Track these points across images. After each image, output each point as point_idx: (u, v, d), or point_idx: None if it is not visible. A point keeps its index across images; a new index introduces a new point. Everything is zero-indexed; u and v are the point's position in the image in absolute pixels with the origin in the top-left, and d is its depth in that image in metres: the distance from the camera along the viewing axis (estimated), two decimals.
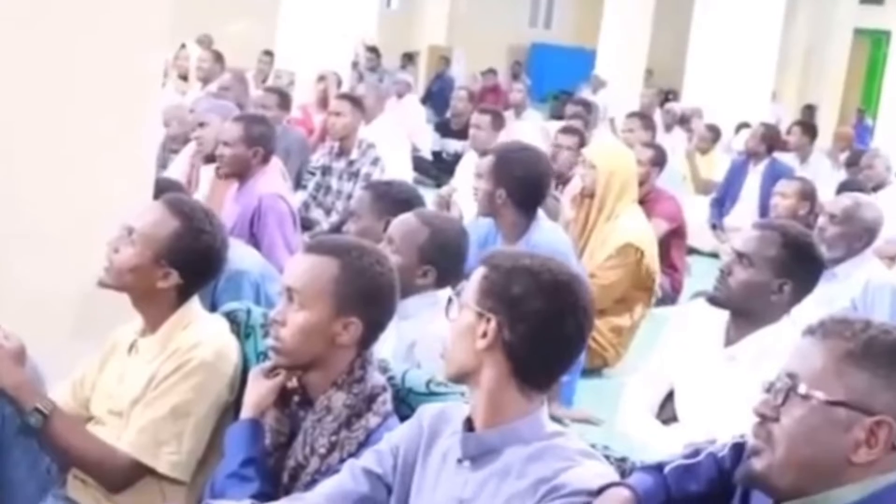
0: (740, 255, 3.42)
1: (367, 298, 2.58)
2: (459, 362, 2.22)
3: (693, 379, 3.54)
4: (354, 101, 7.24)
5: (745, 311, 3.42)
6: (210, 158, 5.71)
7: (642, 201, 6.61)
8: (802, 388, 1.82)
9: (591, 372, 5.77)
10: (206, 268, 2.95)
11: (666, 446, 3.11)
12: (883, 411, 1.78)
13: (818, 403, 1.80)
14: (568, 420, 5.05)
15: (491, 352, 2.17)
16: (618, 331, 5.89)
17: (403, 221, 3.64)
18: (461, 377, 2.26)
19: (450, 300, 2.30)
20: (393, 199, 4.06)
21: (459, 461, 2.22)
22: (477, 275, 2.23)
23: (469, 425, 2.24)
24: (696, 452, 2.19)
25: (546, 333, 2.18)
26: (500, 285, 2.18)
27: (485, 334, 2.17)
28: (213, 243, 2.93)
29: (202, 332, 2.87)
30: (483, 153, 6.70)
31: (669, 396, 3.71)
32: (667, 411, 3.71)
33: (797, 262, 3.39)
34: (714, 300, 3.48)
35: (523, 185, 4.97)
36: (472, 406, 2.25)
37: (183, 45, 11.02)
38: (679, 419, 3.64)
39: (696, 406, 3.52)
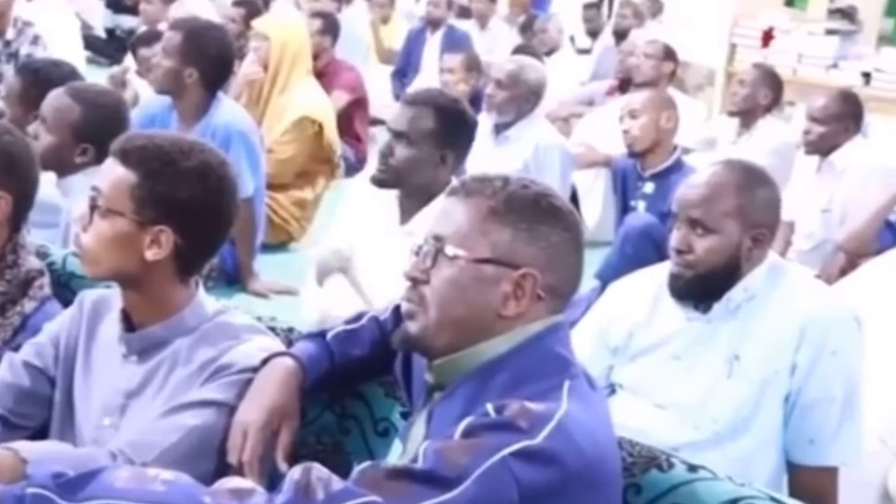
0: (398, 134, 3.42)
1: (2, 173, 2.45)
2: (116, 269, 2.10)
3: (373, 256, 3.54)
4: None
5: (413, 187, 3.42)
6: None
7: (321, 74, 6.59)
8: (449, 249, 1.84)
9: (277, 247, 5.78)
10: None
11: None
12: (527, 264, 1.82)
13: (465, 262, 1.82)
14: (271, 293, 5.08)
15: (162, 259, 2.09)
16: (301, 204, 5.89)
17: (54, 98, 3.47)
18: (113, 279, 2.16)
19: (94, 206, 2.10)
20: (45, 85, 3.80)
21: (125, 356, 2.16)
22: (121, 180, 2.07)
23: (127, 320, 2.16)
24: (359, 317, 2.21)
25: (213, 227, 2.14)
26: (165, 194, 2.06)
27: (154, 245, 2.07)
28: None
29: None
30: (152, 28, 6.52)
31: None
32: None
33: (453, 131, 3.42)
34: (380, 182, 3.48)
35: (217, 64, 4.85)
36: (128, 303, 2.15)
37: None
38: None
39: (378, 283, 3.53)
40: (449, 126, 3.41)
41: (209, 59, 4.79)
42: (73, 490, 1.62)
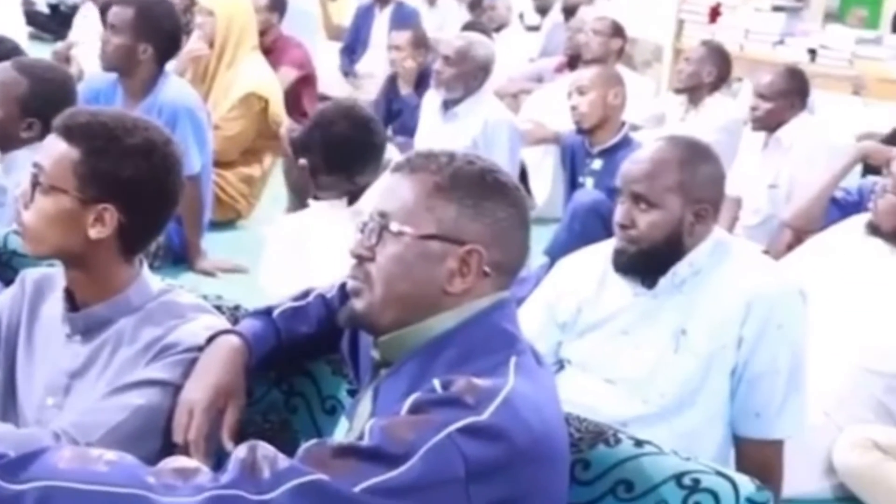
0: (312, 170, 3.58)
1: None
2: (59, 247, 2.08)
3: (327, 235, 3.54)
4: None
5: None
6: None
7: (269, 50, 6.54)
8: (394, 226, 1.82)
9: (225, 224, 5.75)
10: None
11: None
12: (473, 240, 1.81)
13: (410, 239, 1.81)
14: (219, 272, 5.05)
15: (106, 237, 2.06)
16: (248, 181, 5.86)
17: (0, 72, 3.47)
18: (56, 257, 2.13)
19: (36, 183, 2.06)
20: None
21: (69, 336, 2.13)
22: (63, 156, 2.04)
23: (70, 299, 2.13)
24: (306, 294, 2.20)
25: (158, 205, 2.11)
26: (108, 172, 2.03)
27: (98, 223, 2.04)
28: None
29: None
30: (105, 3, 6.42)
31: None
32: None
33: (364, 143, 3.53)
34: (319, 195, 3.61)
35: (168, 39, 4.81)
36: (71, 281, 2.12)
37: None
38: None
39: (333, 261, 3.52)
40: (360, 141, 3.52)
41: (162, 34, 4.75)
42: (15, 471, 1.59)
